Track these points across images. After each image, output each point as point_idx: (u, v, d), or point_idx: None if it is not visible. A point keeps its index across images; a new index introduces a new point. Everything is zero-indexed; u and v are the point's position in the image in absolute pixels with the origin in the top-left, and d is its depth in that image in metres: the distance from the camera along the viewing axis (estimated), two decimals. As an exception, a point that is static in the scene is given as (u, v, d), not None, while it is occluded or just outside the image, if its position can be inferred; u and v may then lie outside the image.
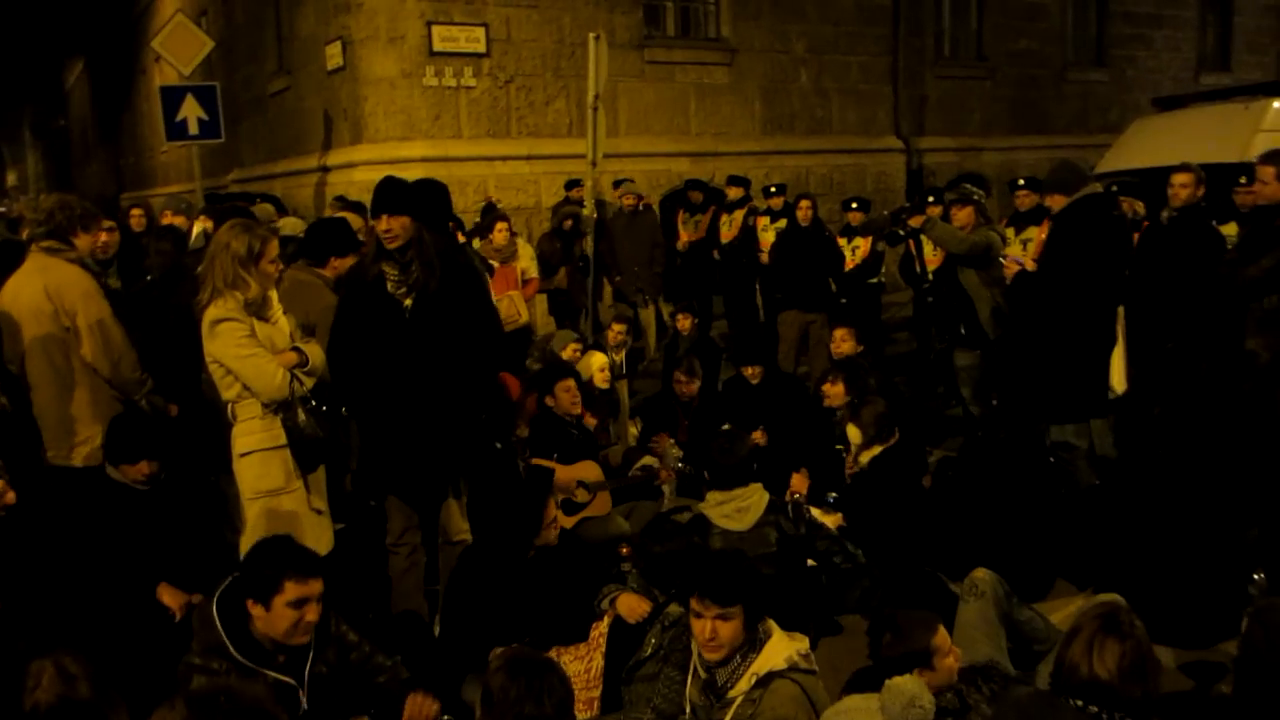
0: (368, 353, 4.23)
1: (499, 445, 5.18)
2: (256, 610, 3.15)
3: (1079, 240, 5.78)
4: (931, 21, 14.67)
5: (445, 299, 4.25)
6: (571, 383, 5.93)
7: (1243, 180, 6.65)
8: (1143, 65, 17.06)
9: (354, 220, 6.18)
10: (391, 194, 4.23)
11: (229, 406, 4.11)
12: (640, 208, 9.91)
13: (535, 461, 5.68)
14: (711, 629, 3.25)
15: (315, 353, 4.18)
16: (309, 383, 4.12)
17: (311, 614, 3.17)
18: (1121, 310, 6.09)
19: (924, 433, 6.86)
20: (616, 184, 10.67)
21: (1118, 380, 6.13)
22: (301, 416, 4.06)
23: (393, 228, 4.16)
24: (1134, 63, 16.98)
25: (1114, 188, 7.52)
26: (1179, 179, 6.25)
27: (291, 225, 7.42)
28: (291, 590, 3.12)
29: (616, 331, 7.62)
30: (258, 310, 4.05)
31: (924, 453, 6.28)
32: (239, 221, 4.21)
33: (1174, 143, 8.89)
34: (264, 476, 4.08)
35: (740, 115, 12.81)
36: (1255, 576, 4.18)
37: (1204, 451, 5.37)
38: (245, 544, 4.10)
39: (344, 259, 5.04)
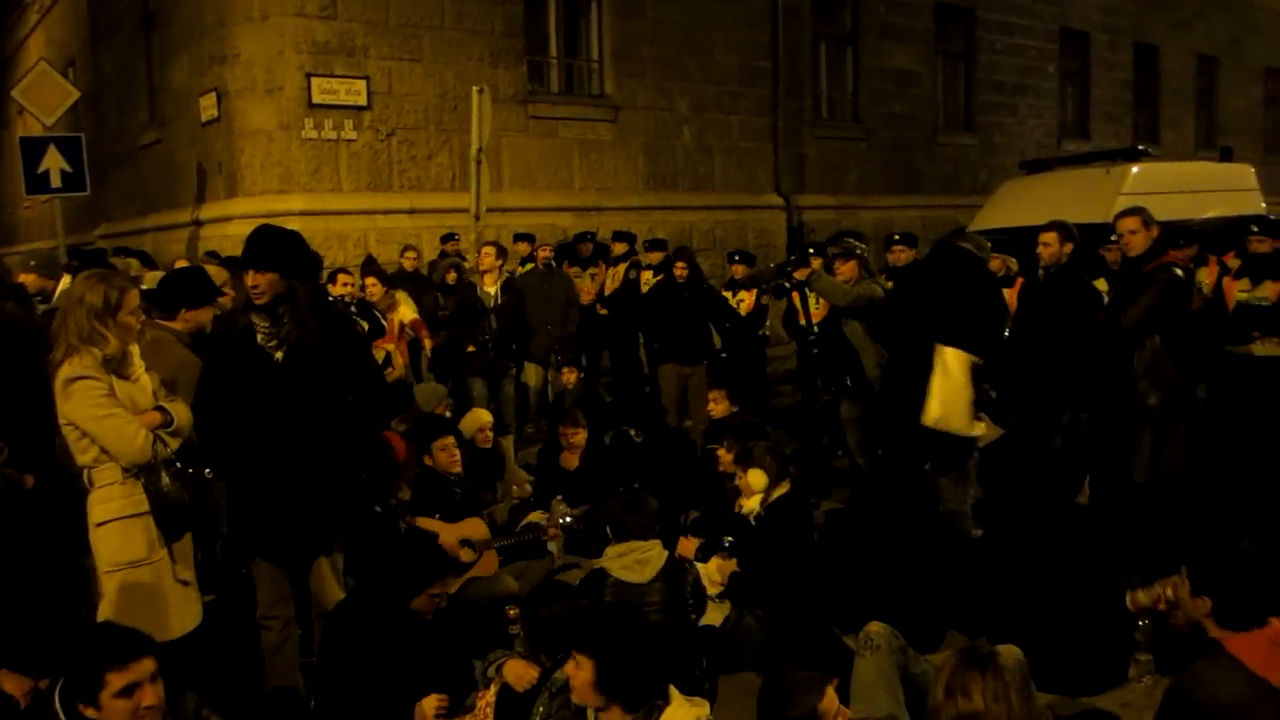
0: (236, 407, 4.02)
1: (378, 508, 4.97)
2: (90, 712, 2.86)
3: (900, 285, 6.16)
4: (809, 84, 15.06)
5: (319, 353, 4.07)
6: (449, 441, 5.76)
7: (1113, 239, 6.90)
8: (1009, 131, 17.85)
9: (219, 273, 5.90)
10: (260, 248, 4.04)
11: (85, 472, 3.82)
12: (551, 265, 9.77)
13: (418, 521, 5.48)
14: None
15: (180, 411, 3.92)
16: (174, 444, 3.86)
17: (149, 698, 2.87)
18: (961, 354, 6.06)
19: (810, 485, 6.86)
20: (518, 238, 10.55)
21: (929, 414, 6.04)
22: (165, 480, 3.78)
23: (259, 284, 3.98)
24: (1000, 128, 17.75)
25: (988, 244, 7.74)
26: (1044, 236, 6.43)
27: (155, 280, 7.08)
28: (115, 680, 2.83)
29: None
30: (117, 367, 3.78)
31: (811, 504, 6.27)
32: (95, 272, 3.95)
33: (1041, 203, 9.27)
34: (124, 547, 3.78)
35: (624, 171, 12.89)
36: (1140, 624, 4.23)
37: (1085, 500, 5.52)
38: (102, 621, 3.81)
39: (197, 311, 4.77)
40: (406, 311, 8.14)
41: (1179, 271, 5.70)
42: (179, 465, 3.87)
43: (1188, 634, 3.39)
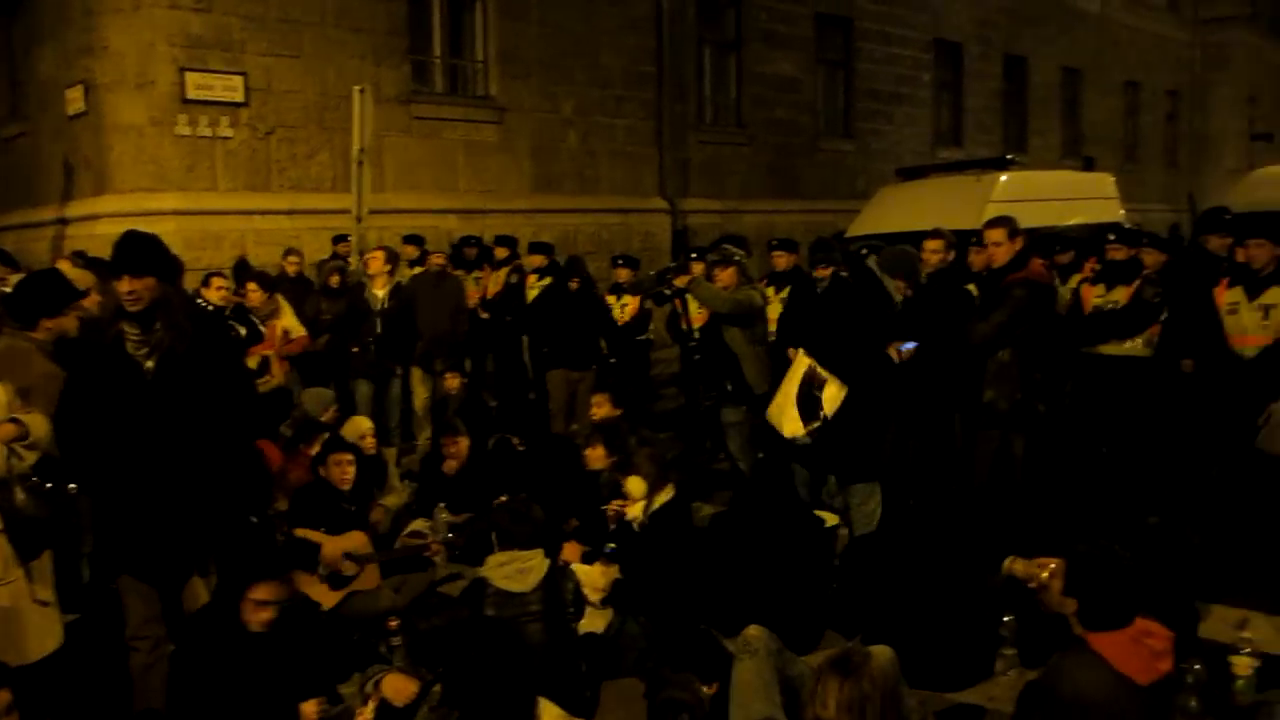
0: (103, 418, 3.88)
1: (254, 519, 4.85)
2: None
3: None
4: (693, 89, 15.21)
5: (192, 362, 3.96)
6: (346, 457, 5.64)
7: (973, 241, 7.14)
8: (886, 138, 18.31)
9: (85, 278, 5.67)
10: (136, 252, 3.91)
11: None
12: (445, 270, 9.64)
13: (300, 533, 5.36)
14: None
15: (37, 423, 3.77)
16: (30, 457, 3.70)
17: None
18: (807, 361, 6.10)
19: (693, 488, 6.94)
20: (407, 240, 10.39)
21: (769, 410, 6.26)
22: (20, 496, 3.64)
23: (136, 289, 3.84)
24: (878, 135, 18.20)
25: (864, 251, 7.94)
26: (930, 245, 6.63)
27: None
28: None
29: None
30: (-34, 380, 3.63)
31: (692, 509, 6.34)
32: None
33: (916, 210, 9.55)
34: (-24, 567, 3.63)
35: (509, 173, 12.82)
36: (1004, 619, 4.41)
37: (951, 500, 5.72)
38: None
39: (57, 319, 4.59)
40: (290, 320, 7.94)
41: (1035, 285, 5.95)
42: (35, 480, 3.72)
43: (1052, 619, 3.55)
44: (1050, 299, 6.43)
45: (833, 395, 5.76)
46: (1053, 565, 3.49)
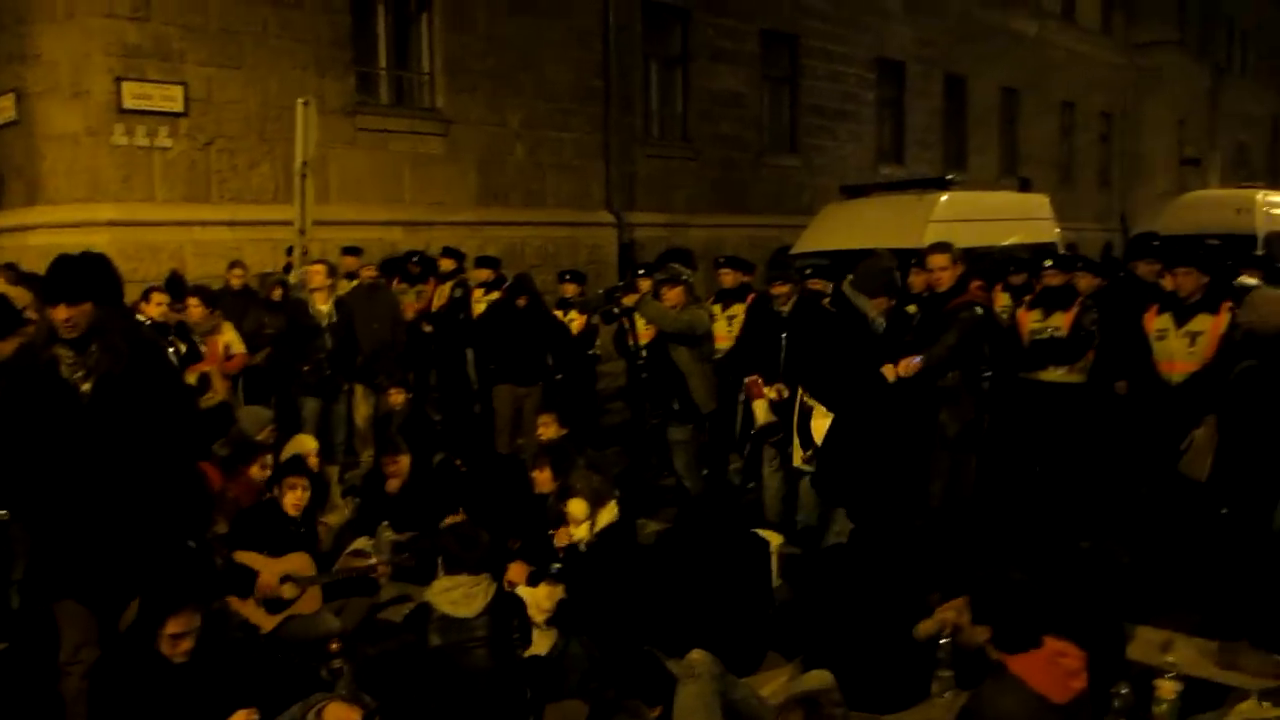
0: (37, 443, 3.81)
1: (192, 544, 4.78)
2: None
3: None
4: (640, 103, 15.29)
5: (130, 383, 3.90)
6: (302, 482, 5.54)
7: (913, 261, 7.23)
8: (830, 154, 18.53)
9: (22, 295, 5.54)
10: (70, 279, 3.83)
11: None
12: (377, 282, 9.57)
13: (240, 555, 5.28)
14: None
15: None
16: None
17: None
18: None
19: (637, 504, 6.97)
20: (346, 251, 10.29)
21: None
22: (-48, 526, 3.57)
23: (72, 316, 3.77)
24: (822, 151, 18.41)
25: (808, 270, 8.03)
26: None
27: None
28: None
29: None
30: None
31: (636, 525, 6.36)
32: None
33: (859, 228, 9.70)
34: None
35: (455, 186, 12.78)
36: (941, 642, 4.48)
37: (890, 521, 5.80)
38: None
39: (2, 343, 4.50)
40: (231, 335, 7.83)
41: (979, 310, 6.07)
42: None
43: (977, 652, 3.64)
44: (989, 326, 6.54)
45: (819, 425, 5.86)
46: (957, 604, 3.59)
